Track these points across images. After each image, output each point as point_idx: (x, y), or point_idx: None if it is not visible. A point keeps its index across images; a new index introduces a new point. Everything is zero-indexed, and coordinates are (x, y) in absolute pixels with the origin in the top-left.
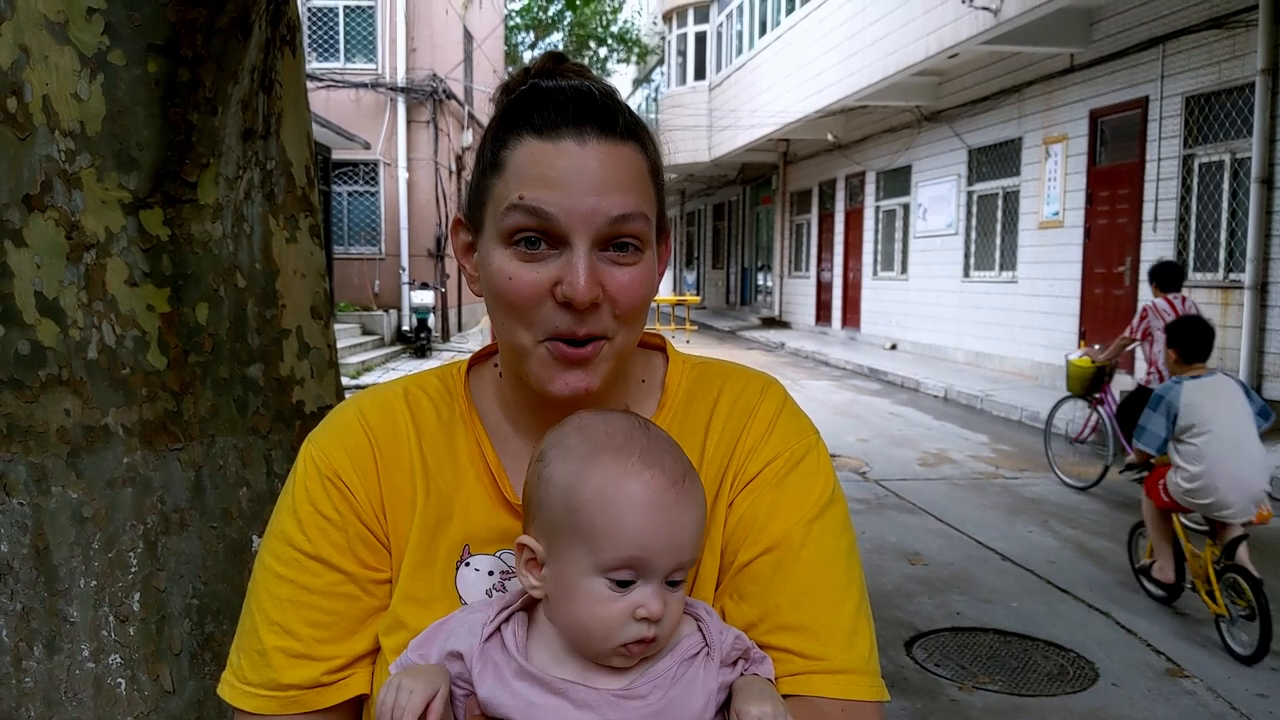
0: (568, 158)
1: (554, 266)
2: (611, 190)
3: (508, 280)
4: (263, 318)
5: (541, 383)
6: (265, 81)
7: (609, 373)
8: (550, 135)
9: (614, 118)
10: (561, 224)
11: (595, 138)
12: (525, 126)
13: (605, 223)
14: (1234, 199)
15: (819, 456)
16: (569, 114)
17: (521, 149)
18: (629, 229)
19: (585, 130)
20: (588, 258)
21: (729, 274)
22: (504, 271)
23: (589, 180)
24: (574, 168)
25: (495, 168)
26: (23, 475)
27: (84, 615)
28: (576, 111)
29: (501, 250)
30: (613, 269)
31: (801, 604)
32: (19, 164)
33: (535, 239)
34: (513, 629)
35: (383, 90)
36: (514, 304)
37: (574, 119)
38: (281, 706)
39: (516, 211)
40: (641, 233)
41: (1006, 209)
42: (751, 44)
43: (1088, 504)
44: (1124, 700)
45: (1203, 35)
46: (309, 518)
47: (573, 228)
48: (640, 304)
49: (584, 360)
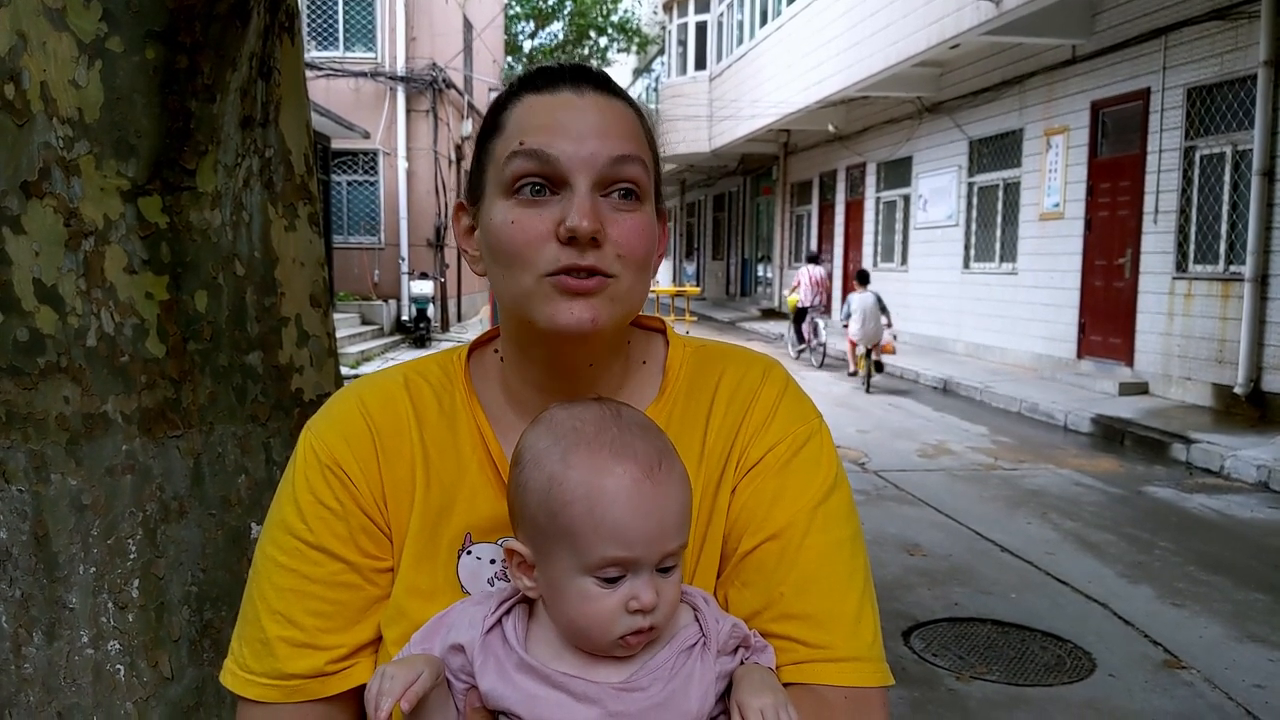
0: (567, 107)
1: (557, 208)
2: (610, 134)
3: (510, 225)
4: (262, 306)
5: (549, 317)
6: (264, 69)
7: (616, 319)
8: (548, 89)
9: (610, 84)
10: (563, 165)
11: (593, 91)
12: (523, 89)
13: (606, 163)
14: (1235, 191)
15: (822, 441)
16: (566, 74)
17: (520, 106)
18: (628, 172)
19: (582, 85)
20: (590, 196)
21: (729, 265)
22: (506, 220)
23: (588, 125)
24: (573, 115)
25: (495, 130)
26: (22, 463)
27: (83, 602)
28: (573, 73)
29: (504, 202)
30: (614, 213)
31: (805, 592)
32: (17, 151)
33: (539, 185)
34: (513, 622)
35: (382, 79)
36: (517, 247)
37: (571, 77)
38: (285, 695)
39: (518, 158)
40: (640, 179)
41: (1007, 200)
42: (752, 34)
43: (1087, 496)
44: (1122, 691)
45: (1205, 27)
46: (310, 507)
47: (573, 168)
48: (642, 251)
49: (588, 291)
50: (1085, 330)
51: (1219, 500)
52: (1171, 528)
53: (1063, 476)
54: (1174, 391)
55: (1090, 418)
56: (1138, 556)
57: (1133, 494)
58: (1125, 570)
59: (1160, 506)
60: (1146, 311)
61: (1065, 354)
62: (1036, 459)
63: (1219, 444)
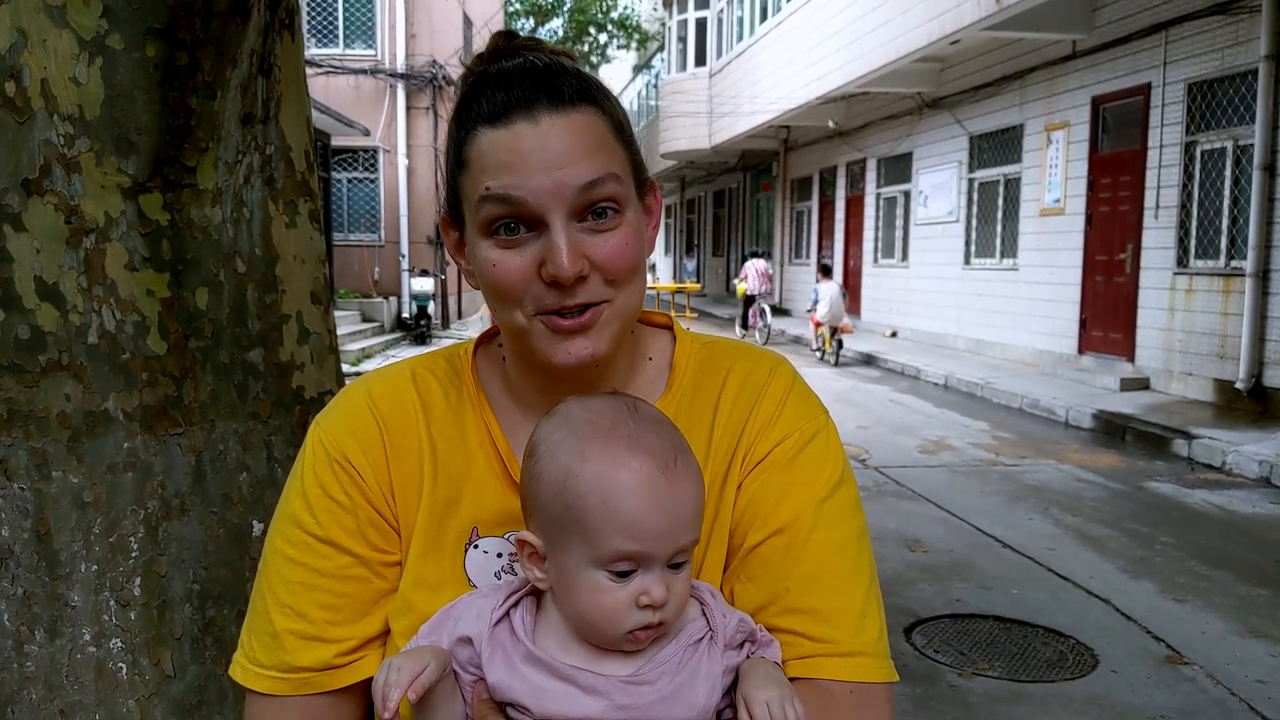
0: (523, 139)
1: (536, 248)
2: (574, 160)
3: (493, 268)
4: (263, 303)
5: (546, 356)
6: (264, 66)
7: (617, 336)
8: (502, 122)
9: (561, 88)
10: (533, 205)
11: (547, 112)
12: (478, 118)
13: (575, 193)
14: (1236, 186)
15: (829, 437)
16: (515, 95)
17: (479, 140)
18: (601, 194)
19: (535, 108)
20: (566, 232)
21: (729, 261)
22: (489, 260)
23: (550, 156)
24: (532, 148)
25: (461, 166)
26: (24, 460)
27: (85, 600)
28: (522, 91)
29: (484, 241)
30: (595, 238)
31: (811, 587)
32: (18, 148)
33: (513, 224)
34: (521, 614)
35: (382, 76)
36: (503, 290)
37: (521, 100)
38: (293, 688)
39: (487, 203)
40: (616, 194)
41: (1008, 196)
42: (752, 30)
43: (1089, 491)
44: (1124, 687)
45: (1206, 21)
46: (319, 501)
47: (545, 206)
48: (630, 266)
49: (582, 327)
50: (1086, 326)
51: (1220, 495)
52: (1173, 523)
53: (1064, 472)
54: (1175, 387)
55: (1091, 413)
56: (1139, 552)
57: (1134, 489)
58: (1127, 566)
59: (1162, 502)
60: (1147, 307)
61: (1066, 349)
62: (1038, 454)
63: (1220, 439)
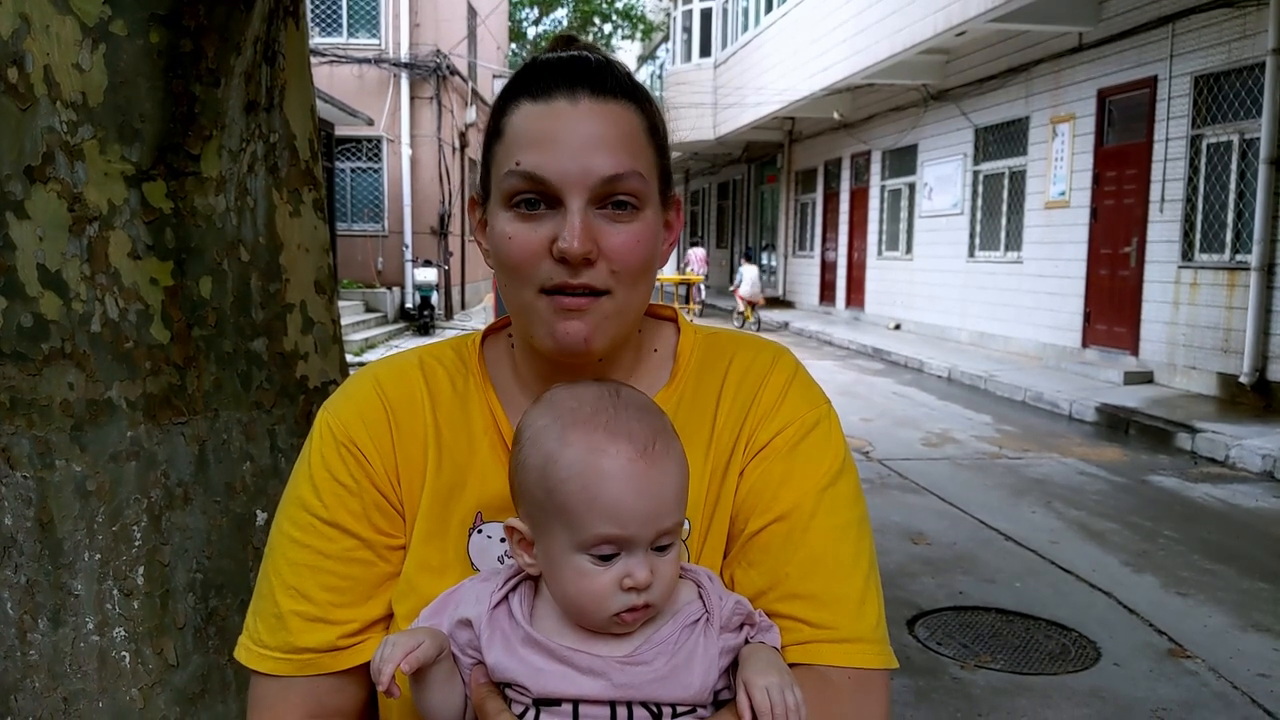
0: (560, 118)
1: (551, 225)
2: (604, 149)
3: (508, 240)
4: (266, 292)
5: (546, 335)
6: (268, 53)
7: (613, 334)
8: (543, 96)
9: (605, 79)
10: (555, 185)
11: (588, 97)
12: (522, 93)
13: (598, 182)
14: (1242, 180)
15: (830, 426)
16: (562, 77)
17: (518, 114)
18: (623, 187)
19: (577, 90)
20: (582, 214)
21: (733, 253)
22: (505, 233)
23: (581, 139)
24: (566, 127)
25: (496, 135)
26: (26, 449)
27: (88, 589)
28: (570, 74)
29: (504, 213)
30: (610, 226)
31: (811, 573)
32: (20, 135)
33: (534, 200)
34: (519, 598)
35: (386, 66)
36: (514, 262)
37: (566, 81)
38: (297, 669)
39: (513, 176)
40: (638, 191)
41: (1013, 189)
42: (757, 21)
43: (1091, 485)
44: (1126, 680)
45: (1213, 14)
46: (325, 484)
47: (566, 187)
48: (638, 263)
49: (580, 309)
50: (1090, 319)
51: (1224, 489)
52: (1176, 517)
53: (1067, 465)
54: (1179, 381)
55: (1095, 406)
56: (1142, 545)
57: (1137, 483)
58: (1129, 559)
59: (1165, 495)
60: (1152, 300)
61: (1070, 343)
62: (1041, 448)
63: (1224, 433)
